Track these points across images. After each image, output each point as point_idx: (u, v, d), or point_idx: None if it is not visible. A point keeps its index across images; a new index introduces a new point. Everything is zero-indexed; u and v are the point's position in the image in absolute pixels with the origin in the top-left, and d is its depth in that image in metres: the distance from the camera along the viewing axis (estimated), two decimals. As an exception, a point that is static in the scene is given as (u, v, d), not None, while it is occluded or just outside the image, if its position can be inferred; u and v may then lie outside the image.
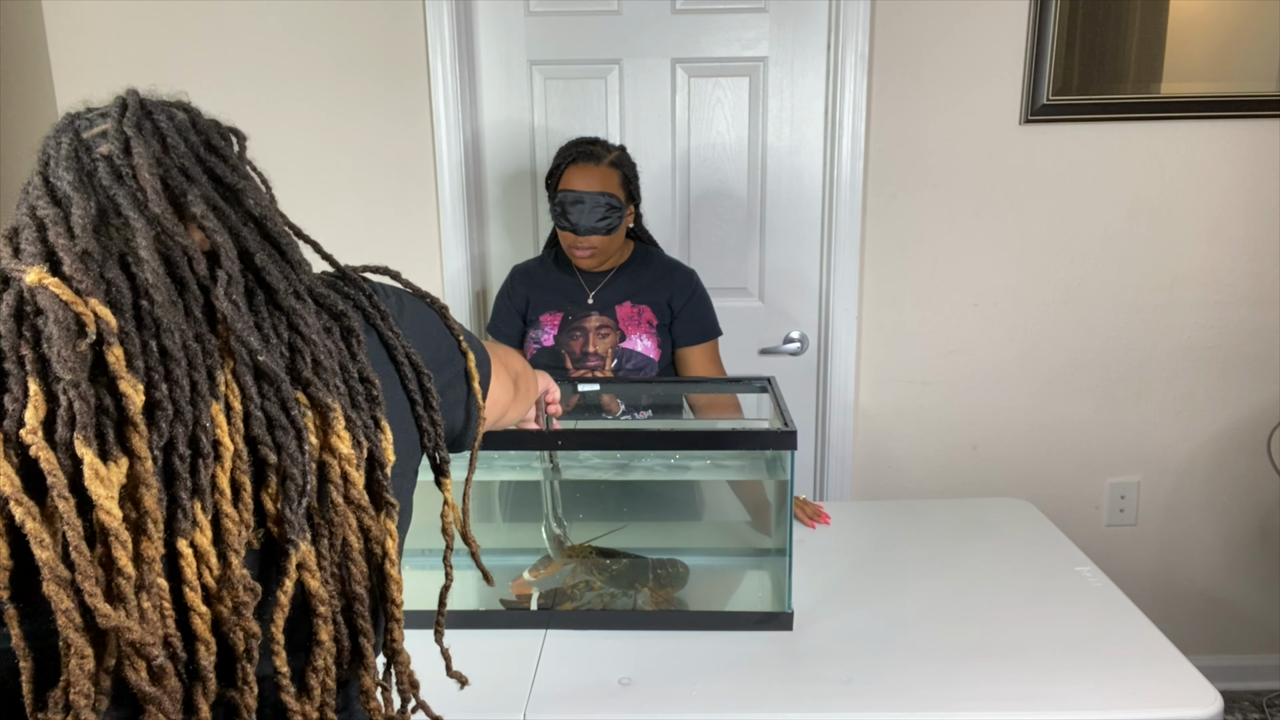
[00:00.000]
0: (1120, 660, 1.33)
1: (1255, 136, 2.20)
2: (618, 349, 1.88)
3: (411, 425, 0.77)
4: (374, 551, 0.69)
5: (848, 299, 2.31)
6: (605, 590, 1.53)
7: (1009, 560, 1.65)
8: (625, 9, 2.24)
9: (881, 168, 2.24)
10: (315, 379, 0.66)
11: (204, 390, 0.61)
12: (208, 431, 0.60)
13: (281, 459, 0.63)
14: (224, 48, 2.19)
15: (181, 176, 0.67)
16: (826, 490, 2.43)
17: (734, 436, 1.50)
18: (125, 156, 0.65)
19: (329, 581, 0.65)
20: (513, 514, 1.86)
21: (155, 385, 0.59)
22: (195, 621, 0.59)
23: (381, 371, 0.73)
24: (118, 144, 0.66)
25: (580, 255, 1.85)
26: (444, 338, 0.85)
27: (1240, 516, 2.43)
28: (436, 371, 0.80)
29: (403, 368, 0.76)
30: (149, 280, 0.61)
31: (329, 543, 0.65)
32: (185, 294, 0.63)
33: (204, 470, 0.60)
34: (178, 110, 0.71)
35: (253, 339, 0.63)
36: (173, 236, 0.64)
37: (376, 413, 0.69)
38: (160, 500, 0.58)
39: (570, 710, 1.26)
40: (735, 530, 1.83)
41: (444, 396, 0.82)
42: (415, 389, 0.77)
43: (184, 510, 0.58)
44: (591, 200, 1.80)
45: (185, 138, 0.69)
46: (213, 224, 0.66)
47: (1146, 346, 2.33)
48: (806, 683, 1.30)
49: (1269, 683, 2.49)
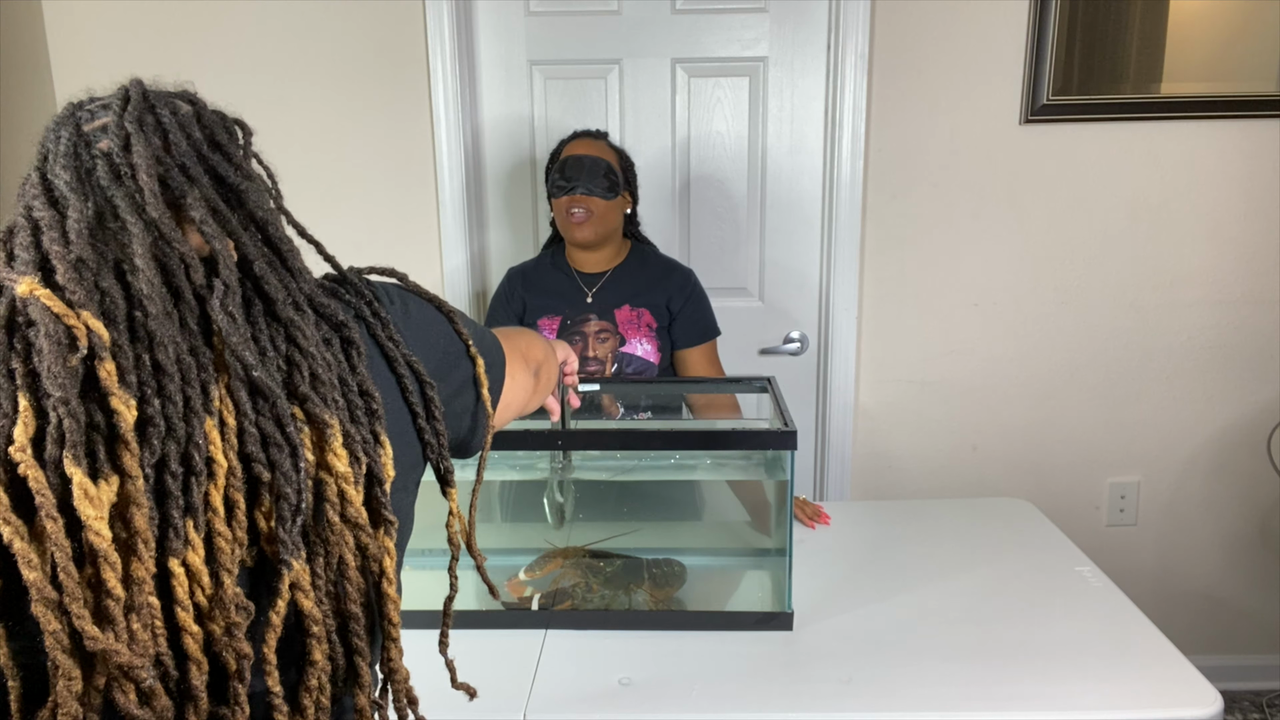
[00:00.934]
0: (1120, 660, 1.33)
1: (1255, 136, 2.20)
2: (617, 353, 1.88)
3: (414, 437, 0.75)
4: (371, 570, 0.67)
5: (848, 299, 2.31)
6: (603, 592, 1.53)
7: (1009, 560, 1.65)
8: (625, 9, 2.24)
9: (881, 168, 2.24)
10: (313, 394, 0.64)
11: (197, 406, 0.59)
12: (200, 448, 0.58)
13: (275, 477, 0.61)
14: (224, 47, 2.19)
15: (182, 176, 0.65)
16: (826, 490, 2.43)
17: (734, 436, 1.50)
18: (125, 154, 0.64)
19: (323, 600, 0.64)
20: (513, 514, 1.86)
21: (148, 401, 0.57)
22: (187, 641, 0.58)
23: (383, 382, 0.72)
24: (117, 140, 0.64)
25: (577, 218, 1.84)
26: (451, 342, 0.82)
27: (1240, 516, 2.43)
28: (442, 379, 0.78)
29: (404, 379, 0.74)
30: (143, 291, 0.59)
31: (325, 561, 0.64)
32: (181, 304, 0.61)
33: (197, 488, 0.58)
34: (182, 103, 0.69)
35: (247, 353, 0.62)
36: (170, 242, 0.62)
37: (376, 427, 0.68)
38: (151, 519, 0.56)
39: (570, 710, 1.26)
40: (735, 530, 1.83)
41: (450, 404, 0.80)
42: (417, 400, 0.75)
43: (176, 529, 0.57)
44: (591, 162, 1.83)
45: (188, 133, 0.67)
46: (212, 229, 0.64)
47: (1146, 346, 2.33)
48: (806, 683, 1.30)
49: (1269, 683, 2.49)
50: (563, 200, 1.84)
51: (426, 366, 0.76)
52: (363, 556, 0.66)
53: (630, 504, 1.73)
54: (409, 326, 0.78)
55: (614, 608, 1.50)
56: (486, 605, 1.53)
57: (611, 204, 1.85)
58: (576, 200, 1.82)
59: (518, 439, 1.42)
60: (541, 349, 1.07)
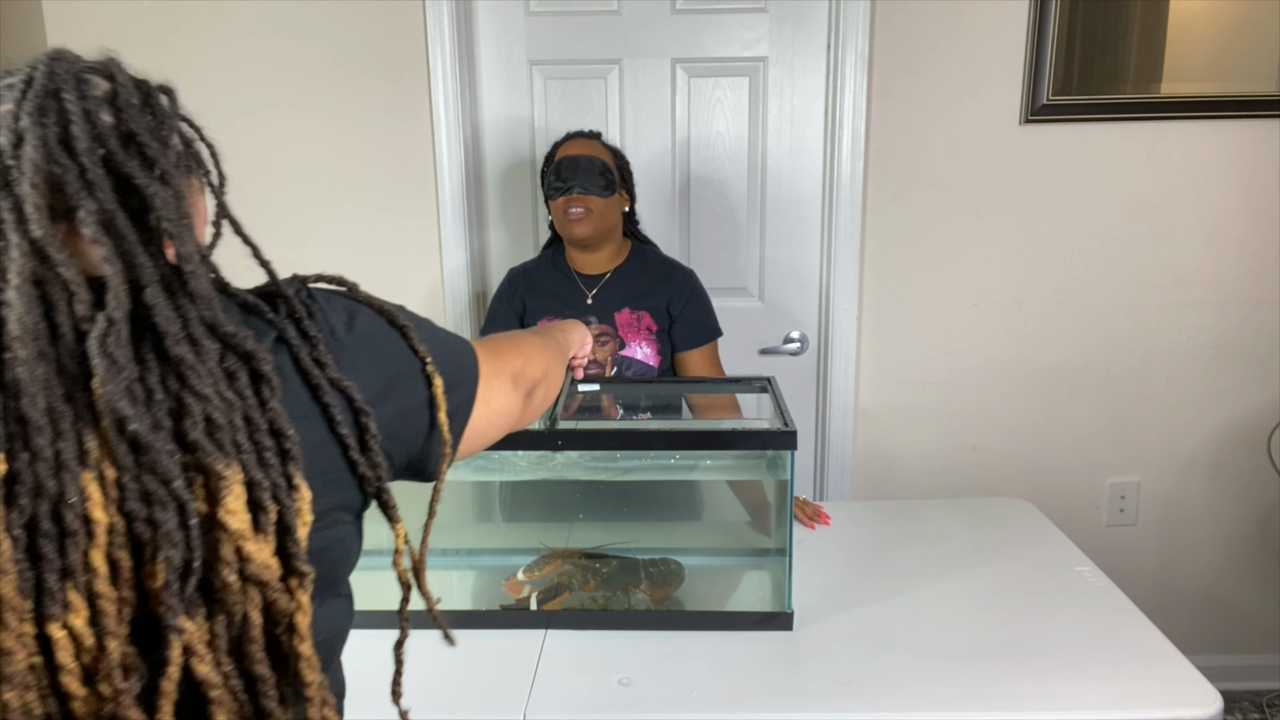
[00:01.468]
0: (1120, 660, 1.33)
1: (1255, 136, 2.20)
2: (617, 356, 1.88)
3: (347, 469, 0.67)
4: (279, 625, 0.60)
5: (848, 299, 2.31)
6: (600, 593, 1.53)
7: (1009, 560, 1.65)
8: (625, 9, 2.24)
9: (881, 168, 2.24)
10: (205, 441, 0.57)
11: (70, 460, 0.53)
12: (75, 506, 0.53)
13: (157, 536, 0.55)
14: (224, 48, 2.19)
15: (79, 183, 0.57)
16: (826, 490, 2.43)
17: (734, 436, 1.50)
18: (15, 154, 0.57)
19: (223, 661, 0.57)
20: (513, 514, 1.86)
21: (15, 456, 0.52)
22: (76, 707, 0.54)
23: (305, 412, 0.65)
24: (8, 137, 0.57)
25: (574, 217, 1.83)
26: (404, 361, 0.73)
27: (1240, 516, 2.43)
28: (385, 400, 0.70)
29: (331, 408, 0.65)
30: (13, 331, 0.54)
31: (226, 620, 0.57)
32: (59, 343, 0.55)
33: (74, 549, 0.53)
34: (99, 78, 0.61)
35: (123, 403, 0.54)
36: (54, 266, 0.55)
37: (290, 469, 0.60)
38: (23, 585, 0.52)
39: (570, 710, 1.26)
40: (735, 530, 1.83)
41: (398, 429, 0.72)
42: (349, 430, 0.66)
43: (53, 593, 0.52)
44: (587, 161, 1.83)
45: (94, 124, 0.59)
46: (106, 250, 0.57)
47: (1146, 346, 2.33)
48: (806, 683, 1.30)
49: (1269, 683, 2.49)
50: (560, 201, 1.84)
51: (368, 389, 0.68)
52: (270, 612, 0.59)
53: (630, 504, 1.73)
54: (349, 344, 0.70)
55: (612, 607, 1.50)
56: (485, 605, 1.53)
57: (609, 201, 1.85)
58: (573, 200, 1.82)
59: (516, 438, 1.42)
60: (541, 365, 0.94)
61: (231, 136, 0.67)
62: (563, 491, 1.68)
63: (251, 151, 2.23)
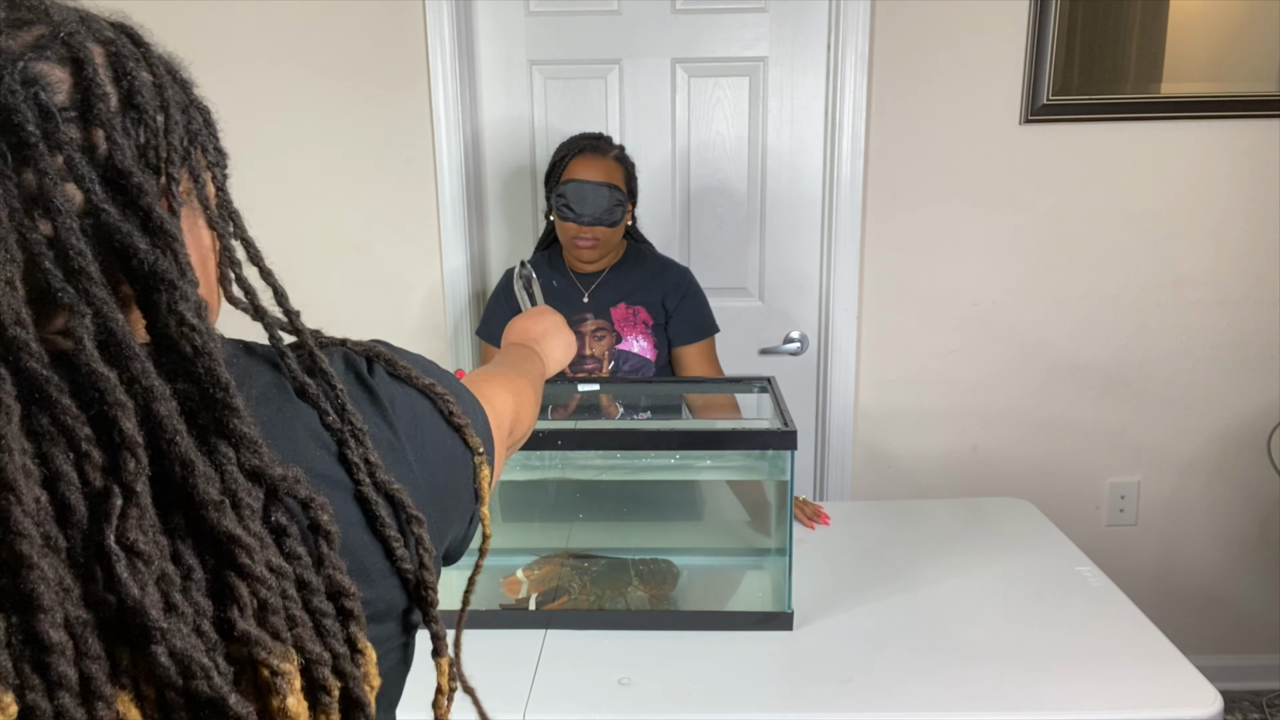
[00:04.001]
0: (1120, 660, 1.33)
1: (1255, 137, 2.20)
2: (614, 351, 1.88)
3: (394, 582, 0.58)
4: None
5: (848, 299, 2.31)
6: (594, 593, 1.53)
7: (1009, 560, 1.65)
8: (625, 9, 2.24)
9: (881, 168, 2.24)
10: (258, 633, 0.47)
11: (100, 683, 0.42)
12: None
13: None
14: (224, 48, 2.19)
15: (59, 271, 0.44)
16: (826, 490, 2.43)
17: (734, 436, 1.50)
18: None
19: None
20: (512, 514, 1.86)
21: (30, 687, 0.41)
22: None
23: (350, 516, 0.55)
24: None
25: (583, 246, 1.84)
26: (451, 446, 0.64)
27: (1240, 516, 2.43)
28: (442, 497, 0.62)
29: (386, 528, 0.56)
30: (21, 525, 0.41)
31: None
32: (69, 527, 0.43)
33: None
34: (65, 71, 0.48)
35: (154, 612, 0.43)
36: (62, 414, 0.43)
37: (352, 631, 0.51)
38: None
39: (570, 710, 1.26)
40: (735, 530, 1.83)
41: (449, 524, 0.65)
42: (403, 551, 0.57)
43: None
44: (597, 190, 1.80)
45: (53, 138, 0.45)
46: (107, 386, 0.43)
47: (1146, 346, 2.33)
48: (806, 683, 1.30)
49: (1269, 683, 2.49)
50: (570, 227, 1.84)
51: (419, 494, 0.59)
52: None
53: (630, 504, 1.73)
54: (397, 441, 0.60)
55: (607, 607, 1.50)
56: (485, 605, 1.53)
57: (617, 228, 1.85)
58: (584, 230, 1.82)
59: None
60: (510, 408, 0.83)
61: (231, 137, 0.66)
62: (562, 491, 1.68)
63: (250, 151, 2.23)
